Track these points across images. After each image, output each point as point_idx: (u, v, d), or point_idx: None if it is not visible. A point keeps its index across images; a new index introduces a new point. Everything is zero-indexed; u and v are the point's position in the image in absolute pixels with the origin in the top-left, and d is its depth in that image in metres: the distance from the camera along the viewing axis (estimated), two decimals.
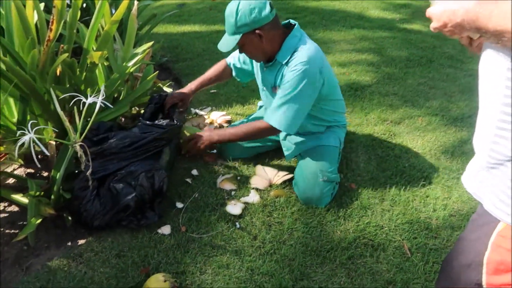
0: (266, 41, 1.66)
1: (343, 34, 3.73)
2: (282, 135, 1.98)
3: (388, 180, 1.95)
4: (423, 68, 3.09)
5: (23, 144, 1.16)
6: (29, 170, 1.82)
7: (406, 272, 1.50)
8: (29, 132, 1.08)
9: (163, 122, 1.78)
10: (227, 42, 1.68)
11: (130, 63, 1.90)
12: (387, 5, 4.59)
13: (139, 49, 2.01)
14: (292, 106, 1.68)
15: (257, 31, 1.64)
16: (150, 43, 2.04)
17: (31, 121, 1.24)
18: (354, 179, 1.95)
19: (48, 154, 1.29)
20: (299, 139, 1.92)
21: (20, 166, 1.85)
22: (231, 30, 1.66)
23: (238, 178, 1.91)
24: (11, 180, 1.77)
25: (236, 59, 2.02)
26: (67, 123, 1.23)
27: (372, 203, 1.81)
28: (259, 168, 1.94)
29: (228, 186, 1.82)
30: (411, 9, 4.47)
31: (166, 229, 1.58)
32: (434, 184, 1.93)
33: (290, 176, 1.89)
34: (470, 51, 0.85)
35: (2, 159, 1.78)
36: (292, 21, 1.76)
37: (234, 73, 2.07)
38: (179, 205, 1.71)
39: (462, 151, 2.18)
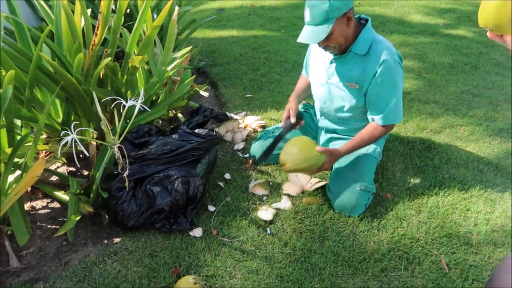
0: (351, 25, 1.62)
1: None
2: (323, 139, 1.97)
3: (426, 191, 1.88)
4: (467, 75, 2.96)
5: (66, 143, 1.21)
6: (71, 169, 1.91)
7: None
8: (71, 132, 1.13)
9: (203, 131, 1.81)
10: (316, 33, 1.55)
11: (169, 67, 1.95)
12: (430, 10, 4.44)
13: (178, 54, 2.06)
14: (396, 98, 1.69)
15: (347, 14, 1.58)
16: (189, 48, 2.08)
17: (74, 122, 1.30)
18: (389, 188, 1.89)
19: (88, 154, 1.34)
20: (340, 143, 1.90)
21: (63, 164, 1.93)
22: (322, 18, 1.53)
23: (270, 183, 1.91)
24: (54, 178, 1.86)
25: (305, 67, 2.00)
26: (106, 125, 1.28)
27: (408, 214, 1.75)
28: (292, 174, 1.93)
29: (260, 191, 1.82)
30: (456, 14, 4.30)
31: (197, 232, 1.60)
32: (476, 197, 1.84)
33: (323, 183, 1.86)
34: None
35: (47, 157, 1.87)
36: (363, 15, 1.72)
37: None
38: (211, 208, 1.73)
39: (507, 164, 2.07)
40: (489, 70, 3.05)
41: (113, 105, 1.46)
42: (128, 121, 2.05)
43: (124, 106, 1.42)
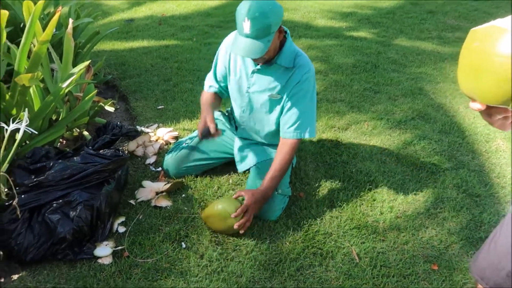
0: (281, 37, 1.63)
1: None
2: (236, 146, 1.96)
3: (336, 186, 1.97)
4: (368, 74, 3.17)
5: None
6: None
7: (354, 278, 1.51)
8: None
9: (108, 152, 1.70)
10: (256, 46, 1.50)
11: (65, 84, 1.82)
12: (334, 14, 4.71)
13: (75, 69, 1.94)
14: (312, 112, 1.75)
15: (281, 27, 1.59)
16: (87, 62, 1.96)
17: None
18: (302, 188, 1.95)
19: None
20: (256, 150, 1.91)
21: None
22: (265, 32, 1.49)
23: (174, 194, 1.86)
24: None
25: (213, 80, 1.89)
26: None
27: (321, 211, 1.81)
28: (145, 182, 1.92)
29: (164, 203, 1.78)
30: (357, 17, 4.61)
31: (107, 257, 1.50)
32: (380, 187, 1.97)
33: (168, 185, 1.85)
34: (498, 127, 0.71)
35: None
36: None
37: (220, 94, 1.93)
38: (121, 229, 1.64)
39: (406, 153, 2.24)
40: (387, 67, 3.30)
41: None
42: (24, 144, 1.88)
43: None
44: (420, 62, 3.45)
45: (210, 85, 1.92)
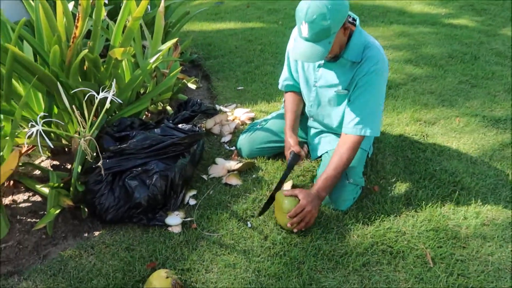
0: (347, 33, 1.51)
1: (382, 30, 3.57)
2: (309, 133, 1.92)
3: (415, 184, 1.83)
4: (466, 66, 2.87)
5: (37, 137, 1.20)
6: (54, 162, 1.90)
7: (426, 283, 1.40)
8: (37, 124, 1.12)
9: (186, 127, 1.77)
10: (317, 50, 1.42)
11: (152, 60, 1.92)
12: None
13: (163, 46, 2.03)
14: (377, 108, 1.62)
15: (345, 25, 1.46)
16: (174, 40, 2.04)
17: (42, 114, 1.29)
18: (377, 181, 1.85)
19: (52, 146, 1.32)
20: (328, 138, 1.85)
21: (48, 158, 1.93)
22: (324, 35, 1.41)
23: (245, 173, 1.88)
24: (37, 172, 1.85)
25: (289, 78, 1.83)
26: (77, 118, 1.26)
27: (395, 208, 1.70)
28: (218, 159, 1.95)
29: (234, 181, 1.80)
30: (459, 3, 4.19)
31: (177, 226, 1.58)
32: (467, 190, 1.79)
33: (240, 165, 1.86)
34: None
35: (31, 151, 1.87)
36: (351, 14, 1.56)
37: (299, 92, 1.87)
38: (192, 201, 1.70)
39: (502, 155, 2.00)
40: (489, 60, 2.96)
41: (86, 97, 1.44)
42: (113, 114, 2.04)
43: (110, 100, 1.41)
44: None
45: (284, 79, 1.85)
